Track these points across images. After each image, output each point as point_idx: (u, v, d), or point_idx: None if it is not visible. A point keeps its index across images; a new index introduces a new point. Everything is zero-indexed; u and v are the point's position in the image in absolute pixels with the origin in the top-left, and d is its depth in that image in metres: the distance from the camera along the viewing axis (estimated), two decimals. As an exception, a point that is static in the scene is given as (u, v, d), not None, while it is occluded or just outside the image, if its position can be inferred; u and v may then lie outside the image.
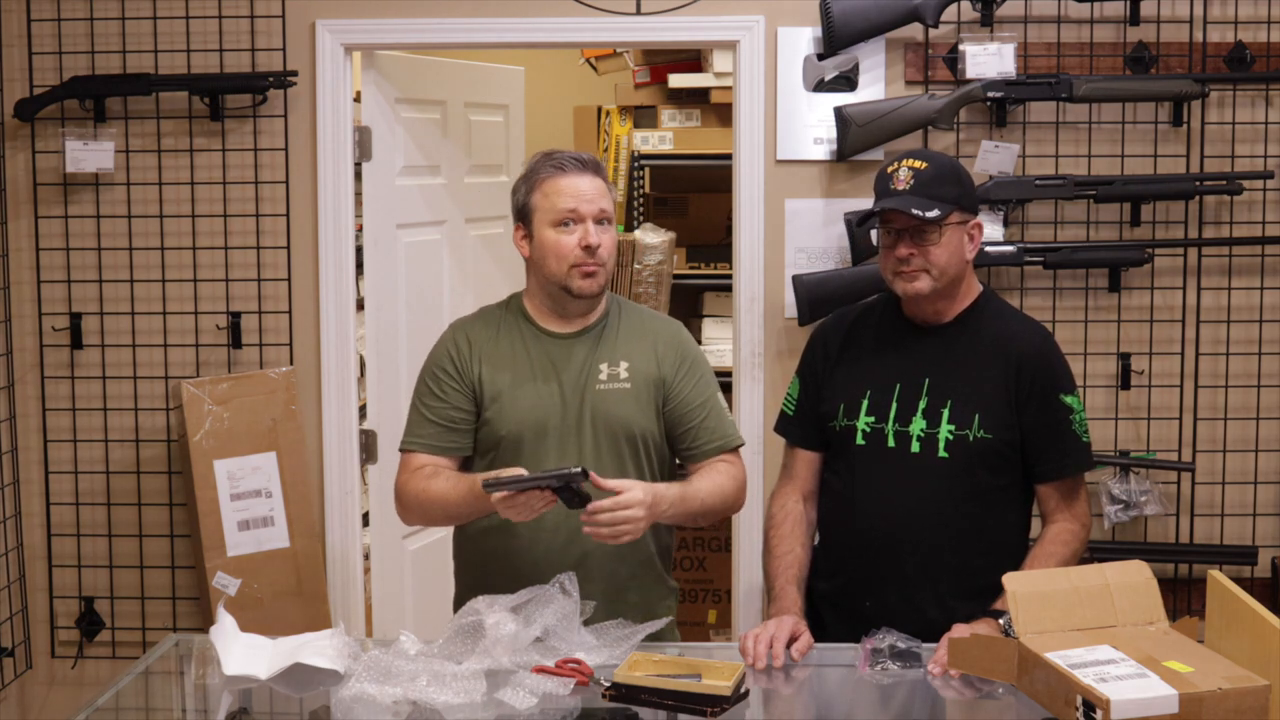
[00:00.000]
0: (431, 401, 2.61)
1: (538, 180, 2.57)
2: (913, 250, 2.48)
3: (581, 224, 2.52)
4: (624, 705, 2.14)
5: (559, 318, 2.61)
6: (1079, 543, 2.54)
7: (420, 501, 2.57)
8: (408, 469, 2.61)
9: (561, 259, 2.53)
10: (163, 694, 2.41)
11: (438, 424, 2.60)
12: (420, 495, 2.56)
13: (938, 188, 2.48)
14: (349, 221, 3.56)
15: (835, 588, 2.60)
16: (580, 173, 2.55)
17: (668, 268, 4.69)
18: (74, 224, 3.55)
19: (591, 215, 2.53)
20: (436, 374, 2.62)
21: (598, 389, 2.57)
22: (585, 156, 2.58)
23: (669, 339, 2.66)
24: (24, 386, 3.60)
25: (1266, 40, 3.39)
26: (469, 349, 2.62)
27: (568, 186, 2.53)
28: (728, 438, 2.64)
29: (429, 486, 2.54)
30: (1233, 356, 3.46)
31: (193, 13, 3.49)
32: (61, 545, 3.63)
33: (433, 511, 2.58)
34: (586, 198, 2.53)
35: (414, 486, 2.57)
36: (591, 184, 2.54)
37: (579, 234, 2.52)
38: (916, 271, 2.49)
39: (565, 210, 2.52)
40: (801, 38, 3.44)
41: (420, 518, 2.63)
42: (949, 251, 2.50)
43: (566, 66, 5.39)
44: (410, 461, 2.61)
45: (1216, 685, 1.91)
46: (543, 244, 2.55)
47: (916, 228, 2.47)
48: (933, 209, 2.45)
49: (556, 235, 2.53)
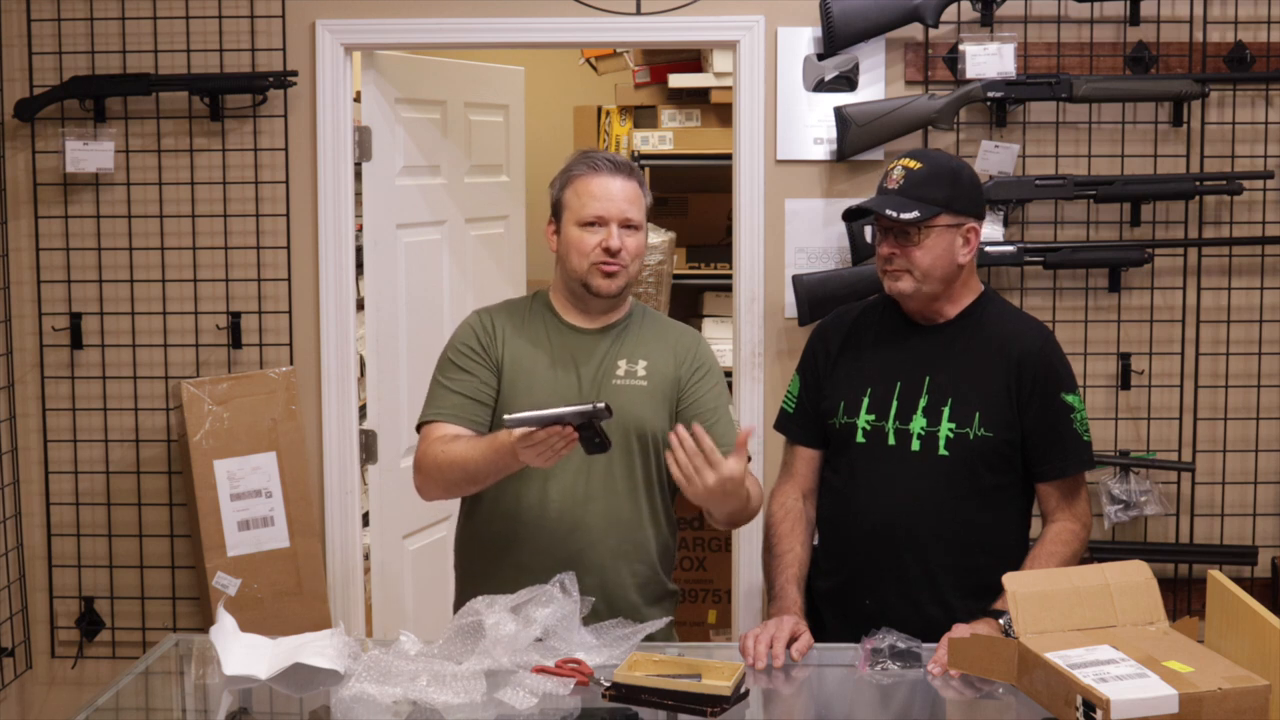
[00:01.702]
0: (456, 374, 2.61)
1: (571, 177, 2.60)
2: (895, 250, 2.50)
3: (606, 227, 2.55)
4: (624, 705, 2.14)
5: (582, 313, 2.64)
6: (1079, 542, 2.54)
7: (440, 465, 2.52)
8: (428, 439, 2.58)
9: (583, 256, 2.56)
10: (163, 694, 2.41)
11: (461, 395, 2.59)
12: (440, 458, 2.52)
13: (926, 189, 2.49)
14: (349, 221, 3.56)
15: (835, 586, 2.61)
16: (613, 175, 2.58)
17: (668, 268, 4.69)
18: (74, 224, 3.55)
19: (617, 219, 2.55)
20: (461, 350, 2.63)
21: (614, 384, 2.58)
22: (621, 160, 2.61)
23: (689, 345, 2.69)
24: (24, 386, 3.60)
25: (1266, 40, 3.39)
26: (494, 331, 2.64)
27: (598, 188, 2.56)
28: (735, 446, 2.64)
29: (449, 449, 2.52)
30: (1233, 356, 3.46)
31: (193, 13, 3.50)
32: (61, 545, 3.63)
33: (453, 475, 2.52)
34: (614, 202, 2.55)
35: (434, 451, 2.54)
36: (623, 188, 2.57)
37: (602, 235, 2.55)
38: (899, 271, 2.51)
39: (592, 214, 2.55)
40: (801, 38, 3.44)
41: (440, 484, 2.57)
42: (932, 255, 2.50)
43: (566, 66, 5.39)
44: (431, 431, 2.58)
45: (1216, 685, 1.91)
46: (568, 240, 2.58)
47: (900, 228, 2.49)
48: (911, 210, 2.46)
49: (581, 233, 2.56)
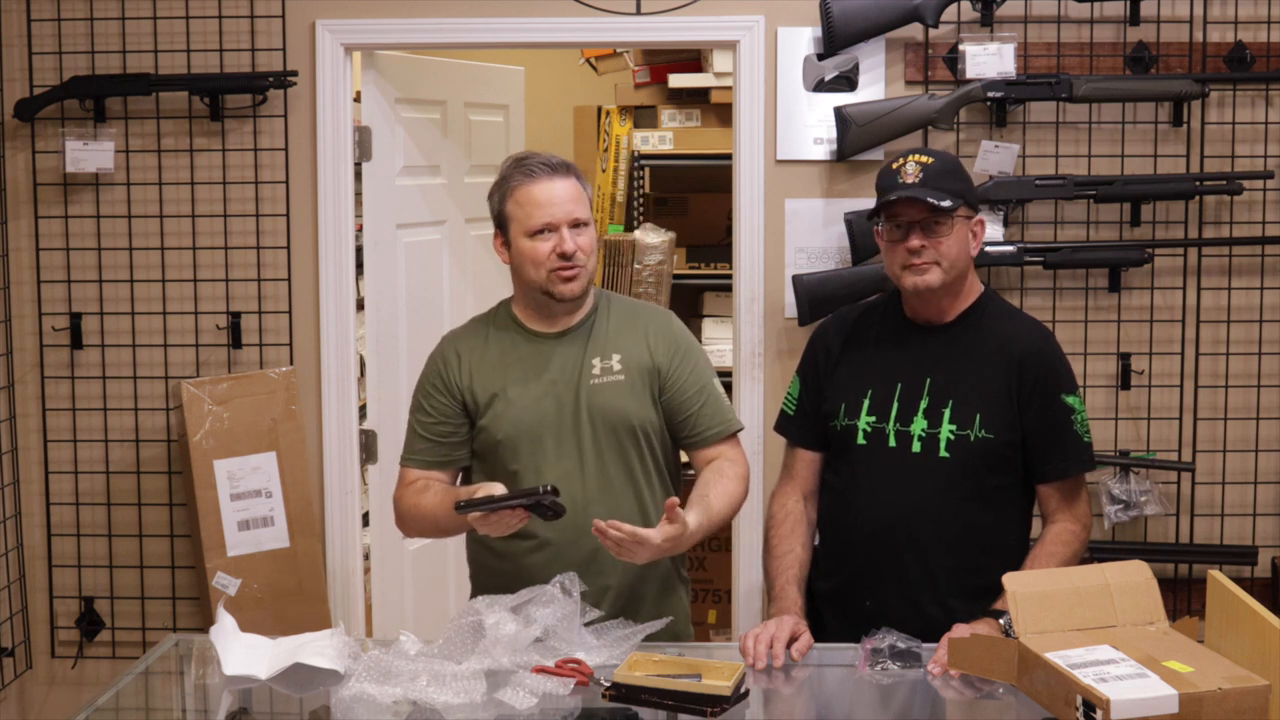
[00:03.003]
0: (423, 417, 2.66)
1: (510, 189, 2.56)
2: (924, 242, 2.48)
3: (556, 232, 2.52)
4: (624, 705, 2.14)
5: (546, 319, 2.62)
6: (1079, 543, 2.54)
7: (413, 516, 2.64)
8: (402, 484, 2.67)
9: (539, 266, 2.53)
10: (163, 694, 2.41)
11: (429, 440, 2.65)
12: (412, 510, 2.63)
13: (945, 181, 2.50)
14: (349, 221, 3.56)
15: (835, 587, 2.60)
16: (551, 178, 2.53)
17: (668, 268, 4.69)
18: (74, 224, 3.55)
19: (565, 222, 2.52)
20: (427, 389, 2.67)
21: (592, 384, 2.57)
22: (555, 160, 2.56)
23: (659, 327, 2.65)
24: (24, 386, 3.60)
25: (1266, 40, 3.39)
26: (457, 361, 2.64)
27: (540, 194, 2.52)
28: (727, 423, 2.64)
29: (419, 502, 2.61)
30: (1233, 356, 3.46)
31: (193, 13, 3.49)
32: (61, 545, 3.63)
33: (424, 526, 2.64)
34: (559, 205, 2.52)
35: (407, 501, 2.64)
36: (564, 189, 2.53)
37: (554, 241, 2.51)
38: (928, 264, 2.49)
39: (539, 222, 2.51)
40: (801, 38, 3.44)
41: (415, 531, 2.70)
42: (958, 244, 2.51)
43: (566, 66, 5.39)
44: (405, 476, 2.68)
45: (1216, 685, 1.91)
46: (520, 252, 2.56)
47: (928, 220, 2.48)
48: (945, 199, 2.47)
49: (532, 243, 2.53)
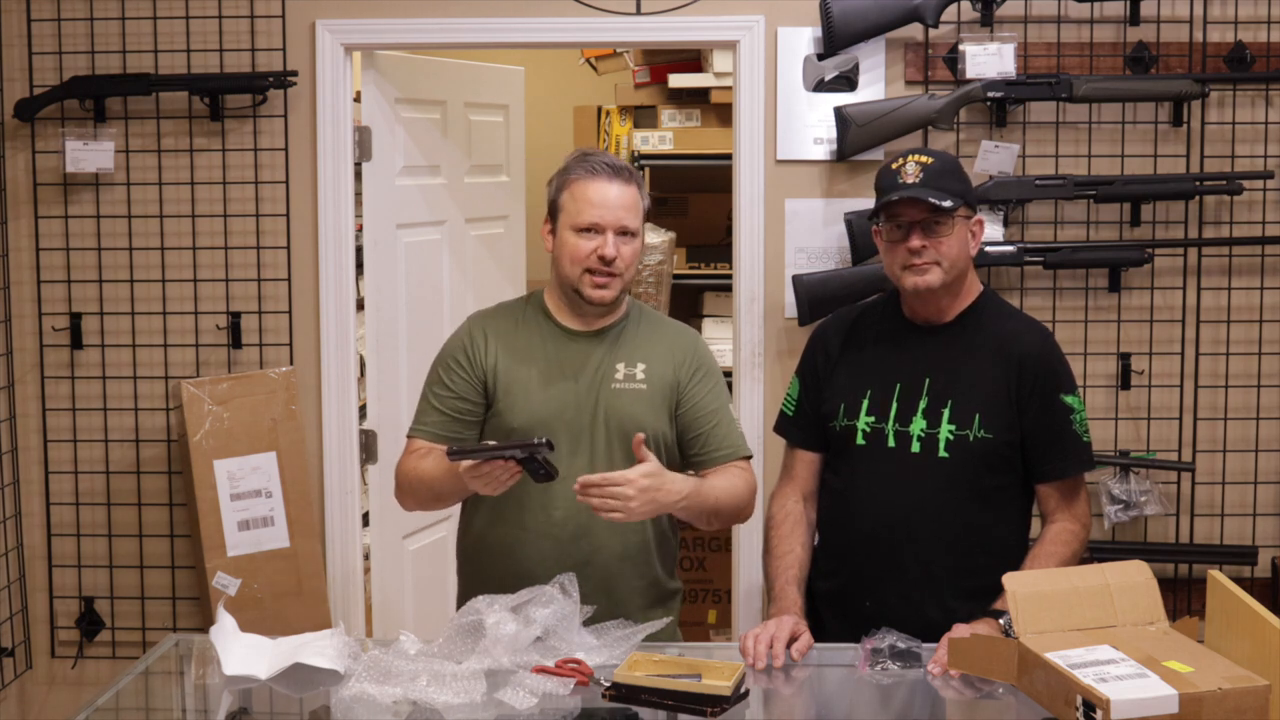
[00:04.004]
0: (440, 390, 2.63)
1: (568, 180, 2.57)
2: (925, 242, 2.48)
3: (602, 235, 2.52)
4: (624, 705, 2.14)
5: (577, 316, 2.62)
6: (1079, 543, 2.54)
7: (411, 481, 2.61)
8: (407, 452, 2.65)
9: (576, 262, 2.53)
10: (163, 694, 2.41)
11: (443, 413, 2.62)
12: (411, 474, 2.60)
13: (945, 181, 2.50)
14: (349, 221, 3.56)
15: (835, 587, 2.60)
16: (610, 180, 2.53)
17: (668, 268, 4.69)
18: (74, 224, 3.55)
19: (613, 227, 2.51)
20: (449, 363, 2.64)
21: (613, 388, 2.58)
22: (620, 164, 2.56)
23: (687, 346, 2.66)
24: (24, 386, 3.60)
25: (1266, 40, 3.39)
26: (484, 341, 2.63)
27: (596, 194, 2.52)
28: (736, 447, 2.64)
29: (419, 466, 2.59)
30: (1233, 356, 3.46)
31: (193, 13, 3.49)
32: (61, 545, 3.62)
33: (421, 491, 2.61)
34: (611, 209, 2.52)
35: (408, 466, 2.62)
36: (620, 194, 2.53)
37: (597, 243, 2.51)
38: (928, 264, 2.49)
39: (587, 220, 2.52)
40: (801, 38, 3.44)
41: (412, 498, 2.66)
42: (959, 244, 2.51)
43: (566, 66, 5.39)
44: (410, 445, 2.65)
45: (1216, 685, 1.91)
46: (562, 243, 2.56)
47: (929, 220, 2.48)
48: (945, 199, 2.47)
49: (576, 239, 2.53)
